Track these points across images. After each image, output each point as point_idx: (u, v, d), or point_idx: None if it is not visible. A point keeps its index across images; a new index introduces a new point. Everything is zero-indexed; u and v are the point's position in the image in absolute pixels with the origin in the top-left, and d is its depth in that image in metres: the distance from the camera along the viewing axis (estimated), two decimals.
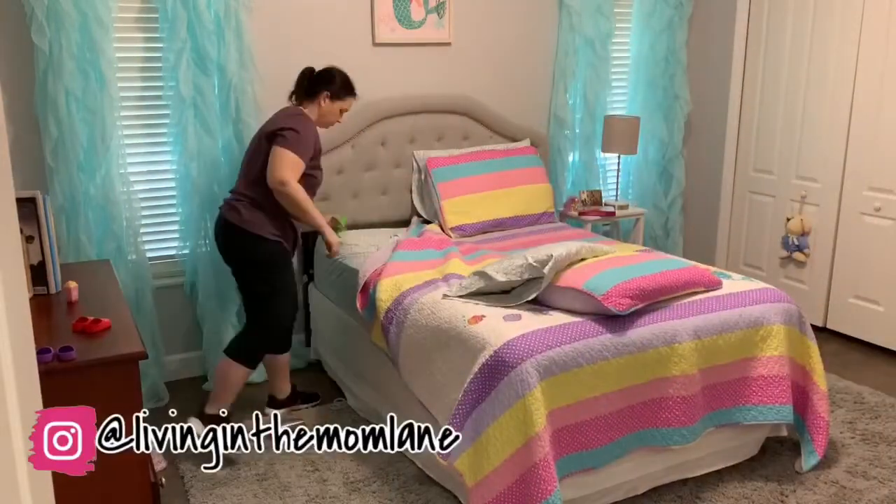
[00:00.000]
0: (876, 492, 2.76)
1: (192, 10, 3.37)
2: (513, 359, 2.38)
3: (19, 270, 0.95)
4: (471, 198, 3.88)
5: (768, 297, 2.87)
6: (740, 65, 4.66)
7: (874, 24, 3.91)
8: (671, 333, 2.60)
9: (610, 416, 2.51)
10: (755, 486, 2.79)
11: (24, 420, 0.92)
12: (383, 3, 3.93)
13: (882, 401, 3.46)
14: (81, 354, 1.97)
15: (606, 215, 4.38)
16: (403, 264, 3.20)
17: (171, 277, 3.68)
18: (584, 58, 4.47)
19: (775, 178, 4.56)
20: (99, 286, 2.58)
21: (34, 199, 2.41)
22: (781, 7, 4.40)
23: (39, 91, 3.18)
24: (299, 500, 2.73)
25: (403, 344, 2.84)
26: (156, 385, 3.53)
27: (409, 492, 2.77)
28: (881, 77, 3.90)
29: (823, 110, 4.21)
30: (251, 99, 3.57)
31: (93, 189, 3.33)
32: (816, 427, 2.89)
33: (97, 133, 3.28)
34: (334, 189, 3.85)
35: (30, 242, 2.43)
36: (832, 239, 4.24)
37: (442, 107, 4.10)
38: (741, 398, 2.77)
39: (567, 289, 2.65)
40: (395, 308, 2.91)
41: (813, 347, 2.92)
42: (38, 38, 3.10)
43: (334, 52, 3.87)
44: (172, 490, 2.80)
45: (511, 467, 2.34)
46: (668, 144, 4.83)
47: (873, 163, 3.98)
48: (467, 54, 4.22)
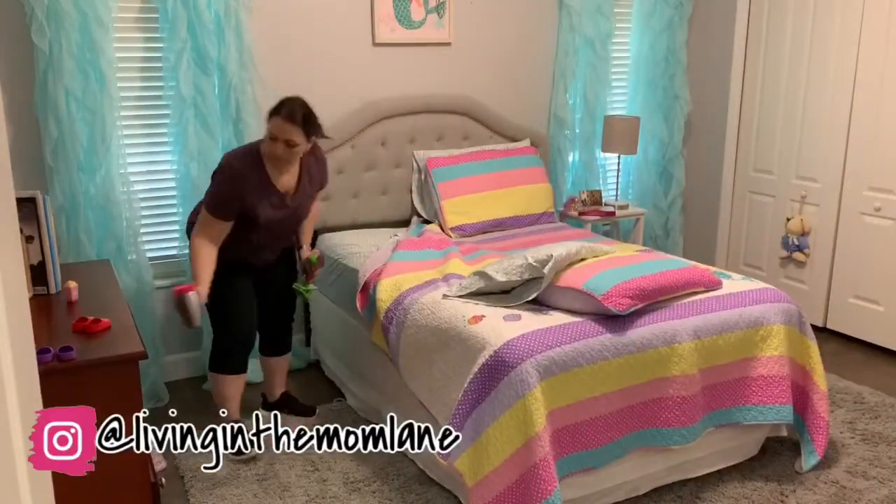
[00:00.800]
0: (876, 492, 2.76)
1: (192, 10, 3.37)
2: (513, 359, 2.38)
3: (19, 270, 0.95)
4: (471, 198, 3.88)
5: (768, 297, 2.87)
6: (740, 65, 4.66)
7: (874, 25, 3.91)
8: (671, 333, 2.60)
9: (610, 416, 2.51)
10: (755, 486, 2.79)
11: (24, 420, 0.92)
12: (383, 3, 3.93)
13: (882, 401, 3.46)
14: (81, 354, 1.97)
15: (606, 215, 4.38)
16: (403, 264, 3.20)
17: (171, 277, 3.68)
18: (584, 58, 4.47)
19: (775, 178, 4.56)
20: (99, 286, 2.58)
21: (34, 199, 2.42)
22: (781, 7, 4.40)
23: (39, 91, 3.18)
24: (299, 500, 2.73)
25: (403, 344, 2.83)
26: (156, 385, 3.53)
27: (409, 492, 2.77)
28: (881, 77, 3.90)
29: (823, 110, 4.21)
30: (251, 99, 3.57)
31: (93, 189, 3.33)
32: (816, 427, 2.89)
33: (97, 133, 3.28)
34: (334, 189, 3.85)
35: (30, 242, 2.43)
36: (832, 239, 4.24)
37: (442, 107, 4.11)
38: (741, 398, 2.76)
39: (567, 289, 2.65)
40: (395, 308, 2.91)
41: (813, 347, 2.92)
42: (38, 38, 3.10)
43: (334, 52, 3.88)
44: (172, 490, 2.80)
45: (511, 467, 2.34)
46: (668, 144, 4.83)
47: (873, 163, 3.98)
48: (467, 54, 4.22)
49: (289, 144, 2.79)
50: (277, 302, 3.22)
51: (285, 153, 2.82)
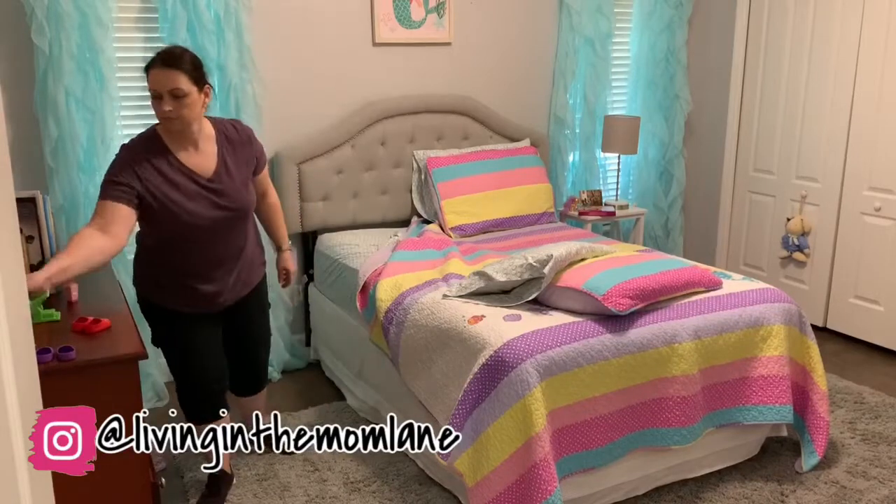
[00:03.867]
0: (876, 492, 2.76)
1: (192, 10, 3.37)
2: (513, 359, 2.38)
3: (19, 270, 0.95)
4: (471, 198, 3.88)
5: (768, 297, 2.87)
6: (740, 65, 4.66)
7: (874, 25, 3.91)
8: (671, 333, 2.60)
9: (610, 416, 2.51)
10: (755, 486, 2.79)
11: (24, 420, 0.92)
12: (383, 3, 3.93)
13: (882, 401, 3.46)
14: (81, 354, 1.97)
15: (606, 215, 4.38)
16: (403, 264, 3.20)
17: None
18: (584, 58, 4.47)
19: (775, 178, 4.56)
20: (99, 286, 2.58)
21: (34, 199, 2.42)
22: (781, 7, 4.40)
23: (39, 91, 3.18)
24: (299, 500, 2.73)
25: (403, 344, 2.83)
26: (156, 385, 3.53)
27: (409, 492, 2.77)
28: (881, 77, 3.90)
29: (823, 110, 4.21)
30: (251, 99, 3.57)
31: (93, 189, 3.32)
32: (816, 427, 2.89)
33: (97, 133, 3.28)
34: (334, 189, 3.85)
35: (30, 242, 2.43)
36: (832, 239, 4.24)
37: (442, 107, 4.10)
38: (741, 398, 2.76)
39: (567, 289, 2.65)
40: (395, 308, 2.91)
41: (813, 347, 2.92)
42: (38, 38, 3.10)
43: (334, 52, 3.88)
44: (172, 490, 2.80)
45: (511, 467, 2.34)
46: (668, 144, 4.83)
47: (873, 163, 3.98)
48: (467, 54, 4.22)
49: (174, 95, 2.32)
50: (249, 342, 2.81)
51: (176, 110, 2.33)
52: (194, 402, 2.62)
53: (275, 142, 3.69)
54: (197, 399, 2.61)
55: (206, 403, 2.62)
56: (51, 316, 2.20)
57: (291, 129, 3.75)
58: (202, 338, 2.59)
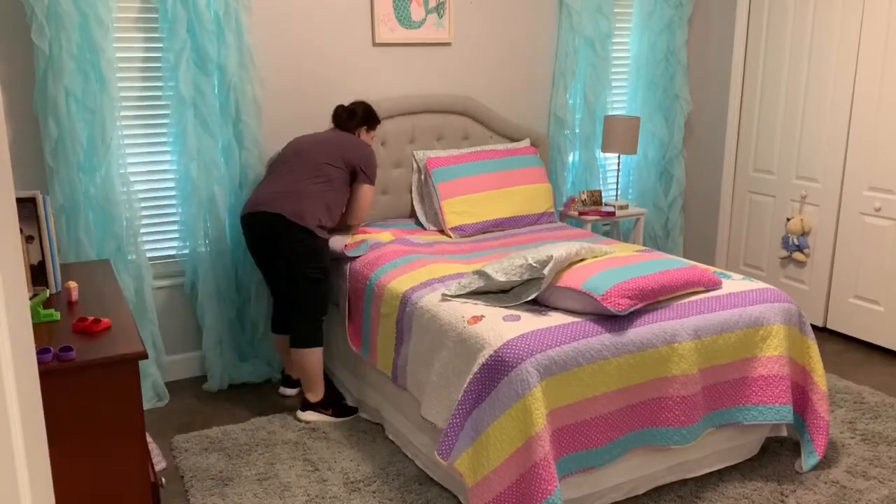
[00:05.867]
0: (876, 492, 2.76)
1: (191, 10, 3.37)
2: (513, 359, 2.38)
3: (19, 270, 0.95)
4: (471, 198, 3.88)
5: (768, 297, 2.87)
6: (740, 65, 4.66)
7: (874, 25, 3.91)
8: (671, 333, 2.60)
9: (610, 416, 2.51)
10: (755, 486, 2.79)
11: (24, 420, 0.92)
12: (383, 3, 3.94)
13: (882, 401, 3.46)
14: (81, 354, 1.97)
15: (606, 215, 4.38)
16: (395, 271, 3.18)
17: (171, 277, 3.68)
18: (584, 58, 4.47)
19: (775, 178, 4.56)
20: (99, 286, 2.58)
21: (34, 199, 2.41)
22: (781, 7, 4.40)
23: (39, 91, 3.18)
24: (299, 500, 2.73)
25: (410, 350, 2.83)
26: (156, 385, 3.53)
27: (409, 492, 2.77)
28: (881, 77, 3.90)
29: (823, 110, 4.21)
30: (251, 99, 3.57)
31: (93, 189, 3.33)
32: (816, 427, 2.89)
33: (97, 133, 3.28)
34: None
35: (30, 242, 2.43)
36: (832, 239, 4.24)
37: (442, 107, 4.11)
38: (741, 398, 2.77)
39: (566, 289, 2.65)
40: (402, 311, 2.91)
41: (813, 347, 2.92)
42: (38, 38, 3.10)
43: (334, 52, 3.88)
44: (172, 490, 2.80)
45: (511, 467, 2.34)
46: (668, 144, 4.83)
47: (873, 163, 3.98)
48: (467, 54, 4.23)
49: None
50: (285, 283, 3.36)
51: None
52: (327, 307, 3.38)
53: (275, 142, 3.69)
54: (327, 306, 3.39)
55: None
56: (51, 316, 2.21)
57: (291, 130, 3.74)
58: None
